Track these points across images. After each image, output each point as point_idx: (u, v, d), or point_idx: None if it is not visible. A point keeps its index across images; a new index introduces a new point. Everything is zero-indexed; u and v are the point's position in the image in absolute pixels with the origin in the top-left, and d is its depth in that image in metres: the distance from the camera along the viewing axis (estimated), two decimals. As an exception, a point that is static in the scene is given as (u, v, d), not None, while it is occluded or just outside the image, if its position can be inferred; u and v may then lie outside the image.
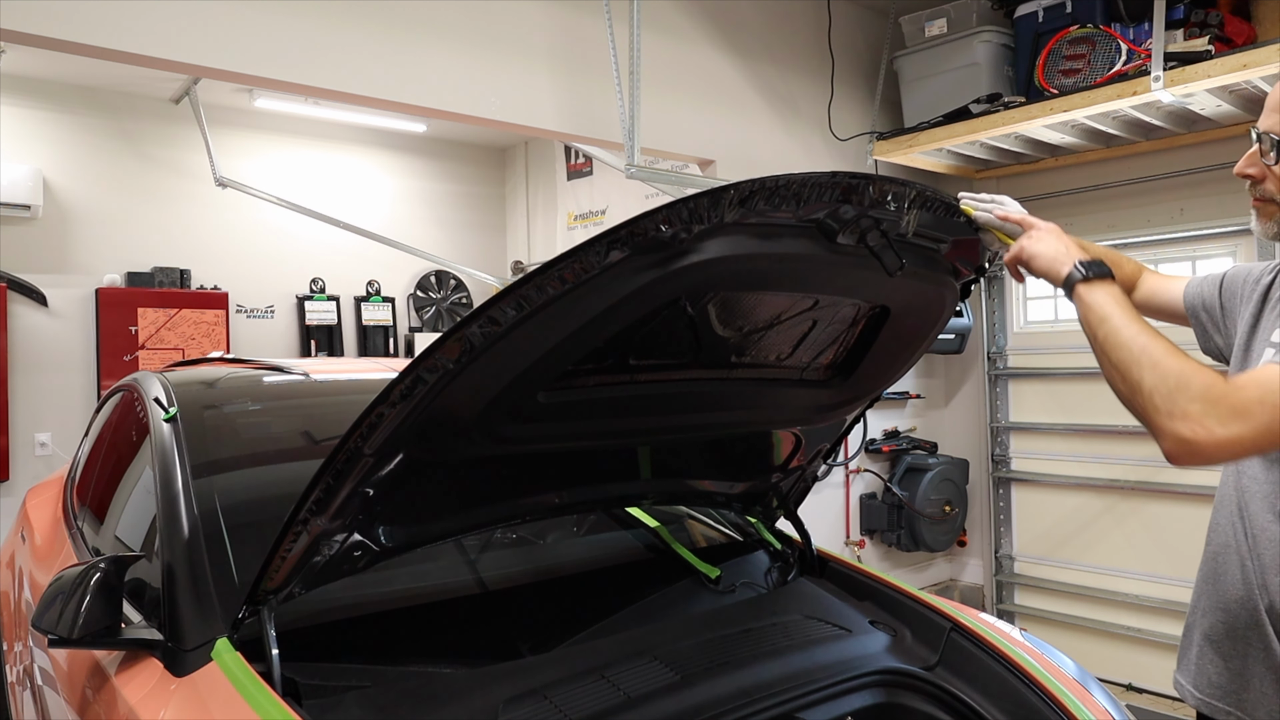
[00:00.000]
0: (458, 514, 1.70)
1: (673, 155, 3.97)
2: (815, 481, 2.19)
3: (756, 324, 1.58)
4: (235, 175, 5.26)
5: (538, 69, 3.46)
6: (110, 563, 1.56)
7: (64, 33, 2.50)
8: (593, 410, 1.57)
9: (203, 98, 5.10)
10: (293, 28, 2.90)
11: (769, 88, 4.20)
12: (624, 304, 1.30)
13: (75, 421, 4.72)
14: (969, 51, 4.11)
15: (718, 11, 4.01)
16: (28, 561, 2.60)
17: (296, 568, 1.48)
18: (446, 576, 2.03)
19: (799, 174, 1.27)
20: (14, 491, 4.55)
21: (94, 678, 1.65)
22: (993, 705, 1.69)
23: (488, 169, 6.75)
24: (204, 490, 1.86)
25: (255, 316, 5.60)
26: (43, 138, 4.92)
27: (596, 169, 5.87)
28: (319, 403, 2.51)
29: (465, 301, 6.50)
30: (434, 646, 1.69)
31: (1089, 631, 4.51)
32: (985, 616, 1.96)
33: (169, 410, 2.07)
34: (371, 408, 1.28)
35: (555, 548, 2.28)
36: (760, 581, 2.14)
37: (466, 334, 1.24)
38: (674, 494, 2.09)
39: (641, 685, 1.56)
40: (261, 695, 1.33)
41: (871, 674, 1.69)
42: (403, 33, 3.13)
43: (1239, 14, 3.58)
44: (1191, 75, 3.32)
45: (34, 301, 4.80)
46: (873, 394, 1.90)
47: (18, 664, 2.41)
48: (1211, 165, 4.02)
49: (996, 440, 4.93)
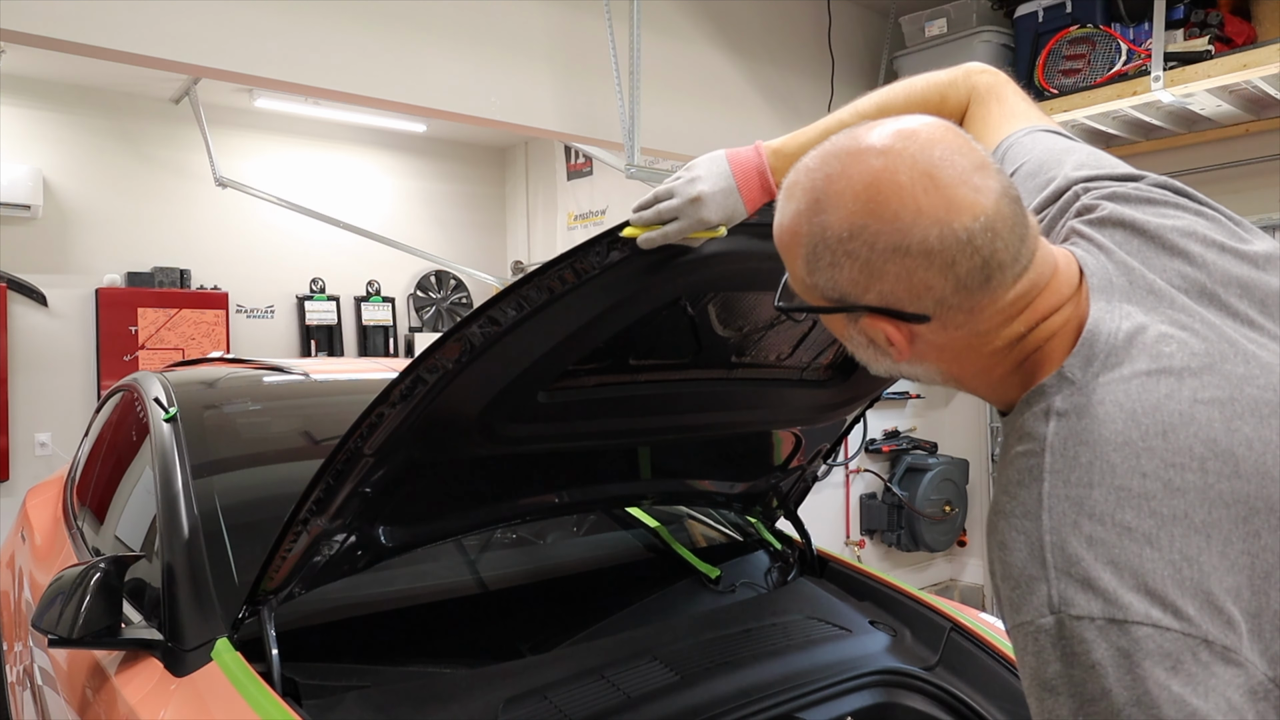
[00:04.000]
0: (458, 514, 1.70)
1: (673, 155, 3.97)
2: (815, 481, 2.19)
3: (756, 324, 1.58)
4: (235, 175, 5.26)
5: (538, 69, 3.46)
6: (110, 563, 1.56)
7: (64, 33, 2.50)
8: (593, 410, 1.57)
9: (203, 98, 5.10)
10: (293, 28, 2.90)
11: (769, 88, 4.20)
12: (624, 304, 1.30)
13: (75, 421, 4.71)
14: (969, 51, 4.10)
15: (718, 11, 4.01)
16: (28, 561, 2.60)
17: (296, 568, 1.48)
18: (446, 576, 2.03)
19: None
20: (14, 491, 4.55)
21: (94, 678, 1.65)
22: (993, 705, 1.69)
23: (488, 169, 6.75)
24: (204, 490, 1.86)
25: (255, 316, 5.60)
26: (43, 138, 4.92)
27: (596, 169, 5.87)
28: (319, 403, 2.51)
29: (465, 301, 6.50)
30: (434, 646, 1.69)
31: (1089, 631, 4.51)
32: (985, 616, 1.96)
33: (169, 410, 2.07)
34: (371, 408, 1.28)
35: (555, 548, 2.28)
36: (760, 581, 2.14)
37: (466, 334, 1.24)
38: (674, 494, 2.09)
39: (641, 685, 1.56)
40: (261, 695, 1.33)
41: (871, 674, 1.69)
42: (403, 33, 3.12)
43: (1239, 14, 3.58)
44: (1191, 75, 3.32)
45: (34, 301, 4.80)
46: (873, 394, 1.90)
47: (18, 664, 2.41)
48: (1211, 165, 4.02)
49: (996, 440, 4.92)
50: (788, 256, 0.87)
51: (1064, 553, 0.73)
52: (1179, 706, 0.68)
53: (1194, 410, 0.76)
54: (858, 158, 0.80)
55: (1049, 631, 0.73)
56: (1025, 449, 0.80)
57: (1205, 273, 0.86)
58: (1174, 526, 0.72)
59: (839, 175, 0.80)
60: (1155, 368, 0.78)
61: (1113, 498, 0.73)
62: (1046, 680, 0.73)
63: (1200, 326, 0.82)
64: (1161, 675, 0.69)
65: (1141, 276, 0.85)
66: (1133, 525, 0.72)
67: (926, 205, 0.76)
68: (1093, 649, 0.70)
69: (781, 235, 0.87)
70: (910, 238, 0.77)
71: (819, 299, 0.86)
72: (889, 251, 0.78)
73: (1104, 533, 0.72)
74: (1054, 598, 0.72)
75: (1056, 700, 0.73)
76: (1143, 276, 0.85)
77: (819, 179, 0.82)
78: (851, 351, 0.91)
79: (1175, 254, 0.87)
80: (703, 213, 1.16)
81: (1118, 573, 0.71)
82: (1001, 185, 0.79)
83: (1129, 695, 0.69)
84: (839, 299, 0.83)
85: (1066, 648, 0.72)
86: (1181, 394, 0.77)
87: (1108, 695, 0.70)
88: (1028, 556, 0.75)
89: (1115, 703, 0.70)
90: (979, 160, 0.79)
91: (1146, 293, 0.84)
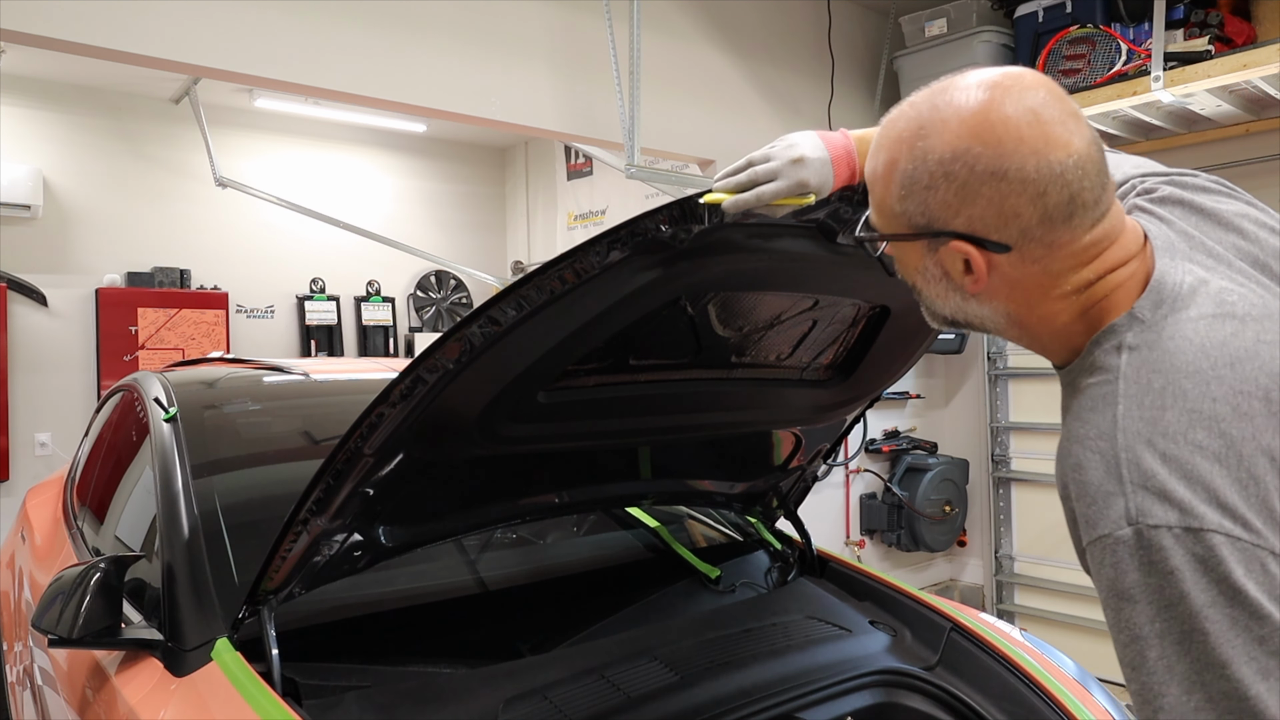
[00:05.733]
0: (458, 514, 1.70)
1: (673, 155, 3.97)
2: (815, 481, 2.19)
3: (756, 324, 1.58)
4: (235, 175, 5.26)
5: (538, 69, 3.46)
6: (110, 563, 1.56)
7: (64, 33, 2.50)
8: (593, 410, 1.57)
9: (203, 98, 5.10)
10: (293, 28, 2.90)
11: (769, 88, 4.20)
12: (624, 304, 1.30)
13: (75, 421, 4.71)
14: (969, 52, 4.11)
15: (718, 11, 4.01)
16: (28, 561, 2.60)
17: (296, 568, 1.48)
18: (446, 576, 2.03)
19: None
20: (14, 491, 4.55)
21: (94, 678, 1.65)
22: (993, 705, 1.69)
23: (488, 169, 6.75)
24: (204, 490, 1.86)
25: (255, 316, 5.60)
26: (43, 138, 4.92)
27: (596, 169, 5.87)
28: (319, 403, 2.51)
29: (465, 301, 6.50)
30: (434, 646, 1.69)
31: (1089, 631, 4.51)
32: (985, 616, 1.96)
33: (169, 410, 2.07)
34: (371, 408, 1.28)
35: (555, 548, 2.28)
36: (760, 581, 2.14)
37: (466, 334, 1.24)
38: (674, 494, 2.09)
39: (641, 685, 1.56)
40: (261, 695, 1.33)
41: (871, 674, 1.69)
42: (403, 33, 3.13)
43: (1239, 14, 3.58)
44: (1191, 75, 3.32)
45: (34, 301, 4.80)
46: (873, 394, 1.90)
47: (18, 664, 2.41)
48: (1211, 165, 4.02)
49: (996, 440, 4.93)
50: (879, 187, 0.92)
51: (1139, 468, 0.78)
52: (1253, 609, 0.73)
53: (1258, 348, 0.82)
54: (966, 91, 0.87)
55: (1127, 542, 0.77)
56: (1098, 379, 0.86)
57: (1258, 247, 0.94)
58: (1242, 447, 0.77)
59: (946, 105, 0.87)
60: (1220, 312, 0.84)
61: (1185, 419, 0.78)
62: (1124, 590, 0.77)
63: (1256, 286, 0.90)
64: (1236, 579, 0.73)
65: (1201, 243, 0.93)
66: (1204, 444, 0.77)
67: (1028, 136, 0.83)
68: (1170, 556, 0.75)
69: (876, 167, 0.92)
70: (1009, 163, 0.83)
71: (904, 227, 0.91)
72: (987, 175, 0.84)
73: (1177, 450, 0.78)
74: (1131, 510, 0.77)
75: (1134, 608, 0.77)
76: (1202, 243, 0.93)
77: (924, 109, 0.88)
78: (919, 291, 0.97)
79: (1230, 229, 0.95)
80: (804, 174, 1.17)
81: (1191, 486, 0.76)
82: (1091, 134, 0.86)
83: (1206, 598, 0.74)
84: (926, 224, 0.88)
85: (1144, 556, 0.76)
86: (1245, 334, 0.83)
87: (1185, 599, 0.74)
88: (1104, 474, 0.80)
89: (1193, 605, 0.74)
90: (1073, 110, 0.86)
91: (1206, 255, 0.92)
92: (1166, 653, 0.75)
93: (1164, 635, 0.75)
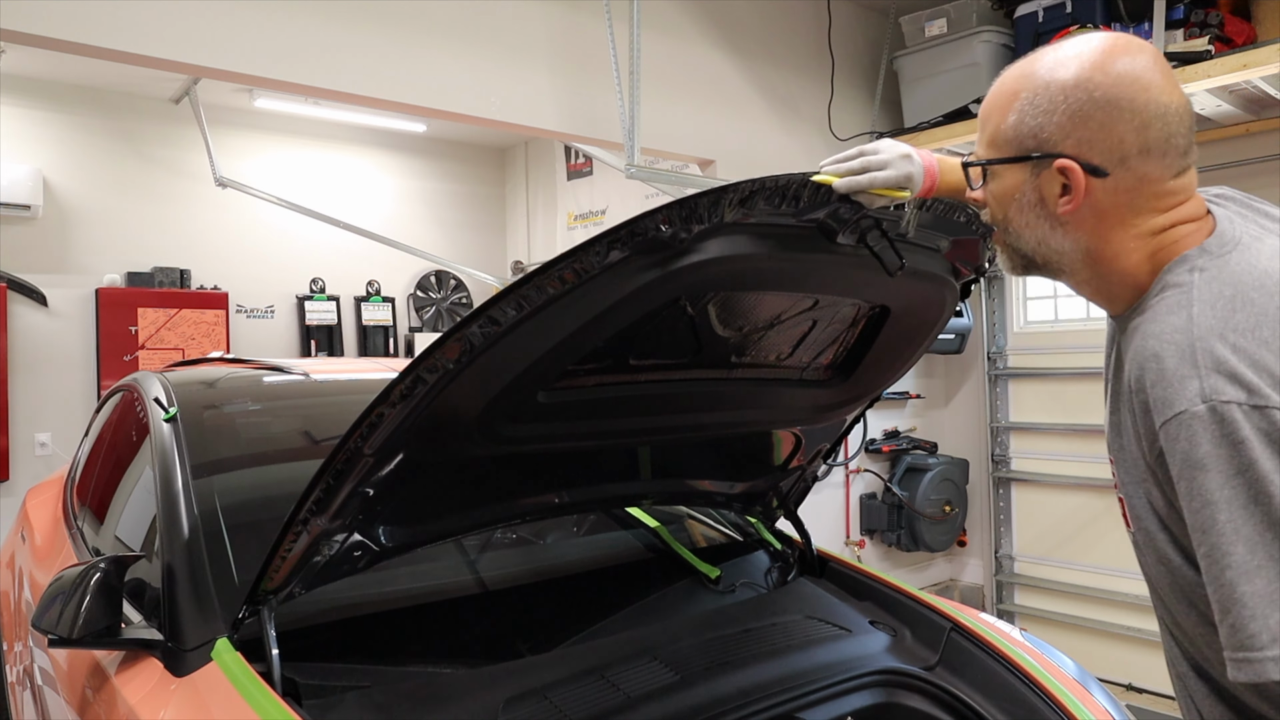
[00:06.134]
0: (458, 514, 1.70)
1: (673, 155, 3.97)
2: (815, 481, 2.19)
3: (756, 324, 1.58)
4: (235, 175, 5.26)
5: (538, 69, 3.46)
6: (110, 563, 1.56)
7: (64, 33, 2.50)
8: (593, 410, 1.57)
9: (203, 98, 5.10)
10: (293, 28, 2.90)
11: (769, 88, 4.20)
12: (624, 304, 1.30)
13: (75, 421, 4.71)
14: (969, 51, 4.11)
15: (718, 11, 4.01)
16: (28, 561, 2.60)
17: (296, 568, 1.48)
18: (446, 576, 2.03)
19: (799, 174, 1.27)
20: (14, 491, 4.55)
21: (94, 678, 1.65)
22: (993, 705, 1.69)
23: (487, 169, 6.75)
24: (204, 490, 1.86)
25: (255, 316, 5.60)
26: (43, 138, 4.92)
27: (596, 169, 5.87)
28: (319, 403, 2.51)
29: (465, 301, 6.50)
30: (434, 646, 1.69)
31: (1089, 631, 4.51)
32: (985, 616, 1.97)
33: (169, 410, 2.07)
34: (371, 408, 1.28)
35: (555, 548, 2.28)
36: (760, 581, 2.14)
37: (466, 334, 1.24)
38: (674, 494, 2.09)
39: (641, 685, 1.56)
40: (261, 695, 1.33)
41: (871, 674, 1.69)
42: (403, 33, 3.13)
43: (1239, 14, 3.58)
44: (1191, 75, 3.32)
45: (34, 301, 4.80)
46: (873, 394, 1.90)
47: (18, 664, 2.41)
48: (1211, 165, 4.01)
49: (996, 440, 4.93)
50: (996, 117, 1.06)
51: (1212, 355, 0.90)
52: None
53: None
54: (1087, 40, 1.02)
55: (1201, 417, 0.88)
56: (1172, 292, 0.97)
57: None
58: None
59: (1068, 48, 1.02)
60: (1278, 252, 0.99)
61: (1252, 320, 0.92)
62: (1198, 459, 0.88)
63: None
64: None
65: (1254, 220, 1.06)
66: (1269, 340, 0.91)
67: (1142, 76, 0.98)
68: (1240, 427, 0.86)
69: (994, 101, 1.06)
70: (1124, 94, 0.98)
71: (1014, 151, 1.04)
72: (1103, 101, 0.98)
73: (1245, 343, 0.91)
74: (1205, 389, 0.89)
75: (1206, 475, 0.88)
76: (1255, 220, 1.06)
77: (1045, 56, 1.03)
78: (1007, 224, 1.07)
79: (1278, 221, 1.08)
80: (910, 168, 1.30)
81: (1258, 371, 0.89)
82: (1188, 97, 1.01)
83: (1271, 465, 0.86)
84: (1036, 147, 1.02)
85: (1217, 429, 0.87)
86: None
87: (1253, 465, 0.86)
88: (1179, 360, 0.91)
89: (1259, 471, 0.85)
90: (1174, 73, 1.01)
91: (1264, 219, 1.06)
92: (1234, 515, 0.86)
93: (1232, 501, 0.86)
